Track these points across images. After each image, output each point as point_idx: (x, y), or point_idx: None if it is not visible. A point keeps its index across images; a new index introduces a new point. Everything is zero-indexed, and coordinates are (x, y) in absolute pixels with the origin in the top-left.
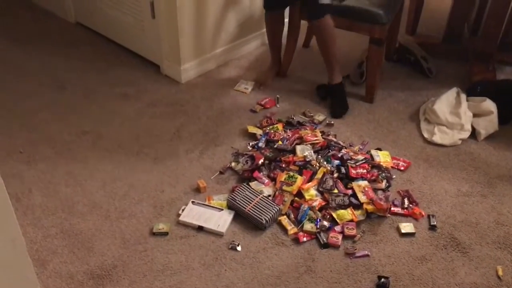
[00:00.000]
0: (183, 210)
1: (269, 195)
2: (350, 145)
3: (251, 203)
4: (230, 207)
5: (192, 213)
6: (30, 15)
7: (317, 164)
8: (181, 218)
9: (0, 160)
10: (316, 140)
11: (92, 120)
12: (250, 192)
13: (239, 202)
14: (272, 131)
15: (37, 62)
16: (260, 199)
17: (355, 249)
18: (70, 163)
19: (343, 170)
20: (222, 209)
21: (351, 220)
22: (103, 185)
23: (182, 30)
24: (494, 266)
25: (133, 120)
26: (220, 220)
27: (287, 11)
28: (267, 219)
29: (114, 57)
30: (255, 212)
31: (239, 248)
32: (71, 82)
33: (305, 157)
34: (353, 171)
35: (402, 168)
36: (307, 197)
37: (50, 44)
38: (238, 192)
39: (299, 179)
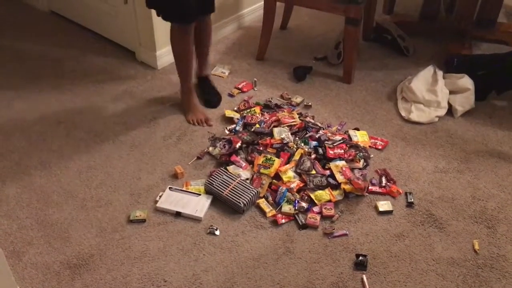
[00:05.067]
0: (160, 196)
1: (247, 178)
2: (328, 126)
3: (228, 187)
4: (207, 191)
5: (170, 199)
6: (1, 6)
7: (295, 146)
8: (158, 204)
9: None
10: (293, 122)
11: (67, 109)
12: (227, 176)
13: (216, 187)
14: (249, 115)
15: (10, 53)
16: (237, 182)
17: (333, 229)
18: (45, 153)
19: (320, 151)
20: (200, 194)
21: (329, 201)
22: (78, 174)
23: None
24: (470, 240)
25: (109, 108)
26: (198, 205)
27: None
28: (245, 202)
29: (88, 44)
30: (232, 196)
31: (217, 233)
32: (45, 72)
33: (282, 139)
34: (331, 152)
35: (379, 147)
36: (285, 179)
37: (23, 34)
38: (215, 177)
39: (277, 162)
